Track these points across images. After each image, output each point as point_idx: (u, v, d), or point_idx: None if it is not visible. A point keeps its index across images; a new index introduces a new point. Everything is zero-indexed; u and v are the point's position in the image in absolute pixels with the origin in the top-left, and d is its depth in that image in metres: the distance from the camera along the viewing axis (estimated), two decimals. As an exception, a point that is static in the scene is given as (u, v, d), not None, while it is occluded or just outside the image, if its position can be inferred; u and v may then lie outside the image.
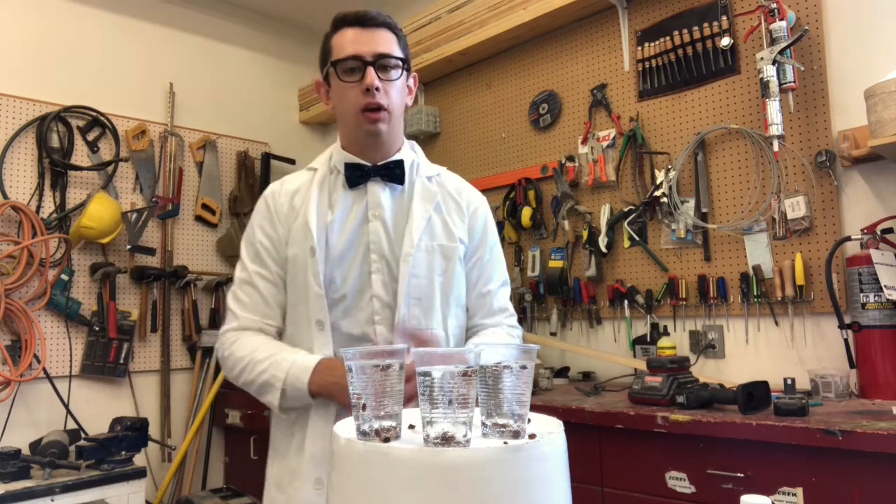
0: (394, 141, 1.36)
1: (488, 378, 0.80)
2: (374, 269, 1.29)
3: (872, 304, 1.83)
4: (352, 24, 1.29)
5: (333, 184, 1.36)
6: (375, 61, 1.26)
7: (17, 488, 2.17)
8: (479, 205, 1.44)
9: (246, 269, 1.36)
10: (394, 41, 1.30)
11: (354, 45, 1.26)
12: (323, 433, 1.25)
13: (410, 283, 1.28)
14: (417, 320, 1.29)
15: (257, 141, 3.74)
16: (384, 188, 1.34)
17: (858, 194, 2.03)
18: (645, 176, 2.52)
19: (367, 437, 0.78)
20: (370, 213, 1.32)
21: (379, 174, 1.33)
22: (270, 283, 1.34)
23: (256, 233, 1.37)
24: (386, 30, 1.30)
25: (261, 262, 1.35)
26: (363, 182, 1.33)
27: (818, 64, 2.10)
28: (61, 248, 2.95)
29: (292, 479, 1.29)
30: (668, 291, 2.41)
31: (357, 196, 1.33)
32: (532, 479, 0.73)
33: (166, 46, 3.44)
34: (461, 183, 1.46)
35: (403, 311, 1.27)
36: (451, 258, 1.34)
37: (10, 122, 2.89)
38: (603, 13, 2.68)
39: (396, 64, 1.29)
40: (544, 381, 2.33)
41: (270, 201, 1.38)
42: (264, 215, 1.38)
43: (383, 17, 1.30)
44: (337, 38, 1.30)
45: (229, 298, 1.37)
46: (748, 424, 1.56)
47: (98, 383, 3.05)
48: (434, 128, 3.35)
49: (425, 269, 1.30)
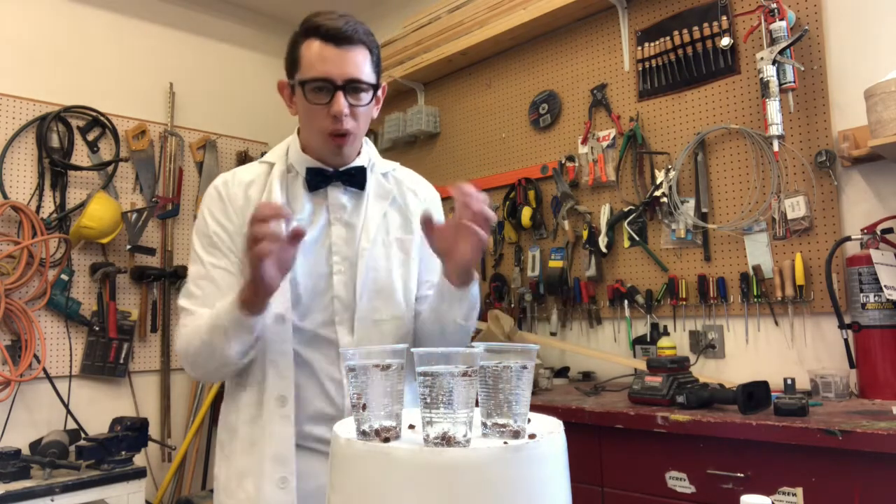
0: (355, 150, 1.34)
1: (488, 378, 0.80)
2: (335, 270, 1.28)
3: (872, 304, 1.83)
4: (324, 38, 1.21)
5: (292, 182, 1.32)
6: (346, 86, 1.21)
7: (17, 488, 2.17)
8: (433, 197, 1.44)
9: (201, 262, 1.28)
10: (367, 60, 1.25)
11: (324, 65, 1.20)
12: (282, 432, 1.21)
13: (368, 277, 1.28)
14: (378, 312, 1.28)
15: (257, 141, 3.74)
16: (344, 192, 1.32)
17: (858, 194, 2.03)
18: (645, 176, 2.52)
19: (367, 437, 0.78)
20: (332, 216, 1.30)
21: (340, 179, 1.31)
22: (229, 274, 1.26)
23: (209, 223, 1.29)
24: (360, 48, 1.23)
25: (218, 253, 1.28)
26: (323, 186, 1.31)
27: (818, 64, 2.10)
28: (61, 248, 2.95)
29: (241, 480, 1.24)
30: (668, 291, 2.41)
31: (317, 199, 1.31)
32: (532, 479, 0.73)
33: (166, 46, 3.44)
34: (416, 177, 1.46)
35: (364, 303, 1.27)
36: (409, 250, 1.34)
37: (10, 122, 2.89)
38: (603, 13, 2.68)
39: (367, 88, 1.24)
40: (544, 381, 2.34)
41: (223, 190, 1.31)
42: (217, 205, 1.31)
43: (359, 35, 1.23)
44: (306, 48, 1.23)
45: (181, 297, 1.29)
46: (748, 424, 1.56)
47: (98, 383, 3.05)
48: (434, 128, 3.35)
49: (383, 262, 1.30)
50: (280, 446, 1.22)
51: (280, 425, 1.22)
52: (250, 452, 1.24)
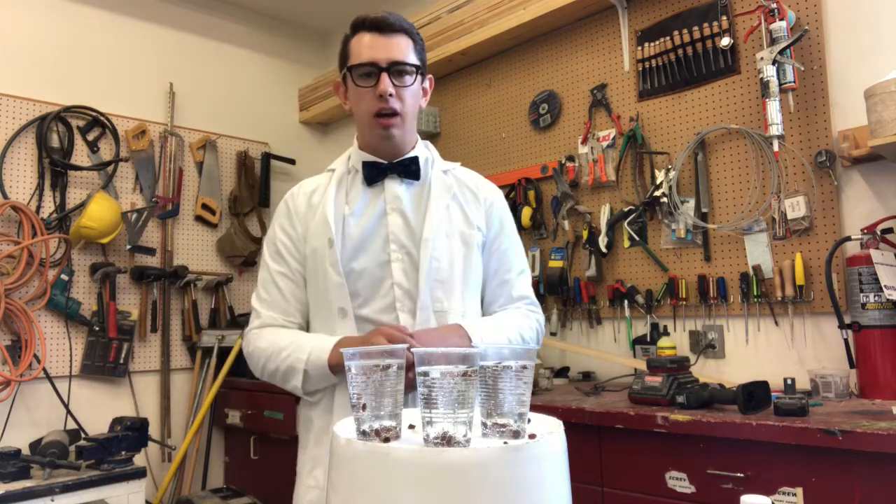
0: (407, 141, 1.40)
1: (488, 378, 0.80)
2: (393, 258, 1.33)
3: (872, 304, 1.83)
4: (370, 28, 1.32)
5: (352, 182, 1.41)
6: (390, 68, 1.30)
7: (17, 488, 2.17)
8: (496, 196, 1.49)
9: (268, 269, 1.41)
10: (410, 47, 1.34)
11: (370, 51, 1.30)
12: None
13: (431, 267, 1.31)
14: (440, 303, 1.32)
15: (257, 141, 3.74)
16: (401, 183, 1.39)
17: (858, 194, 2.03)
18: (645, 176, 2.52)
19: (367, 437, 0.78)
20: (388, 206, 1.36)
21: (395, 171, 1.38)
22: (291, 280, 1.39)
23: (277, 232, 1.43)
24: (403, 35, 1.33)
25: (281, 260, 1.40)
26: (381, 179, 1.38)
27: (818, 64, 2.10)
28: (61, 248, 2.95)
29: (312, 469, 1.32)
30: (668, 291, 2.41)
31: (375, 192, 1.38)
32: (532, 479, 0.73)
33: (166, 46, 3.44)
34: (477, 176, 1.51)
35: (425, 294, 1.30)
36: (470, 245, 1.38)
37: (10, 122, 2.89)
38: (603, 13, 2.68)
39: (411, 70, 1.33)
40: (544, 381, 2.34)
41: (290, 202, 1.44)
42: (284, 214, 1.43)
43: (401, 24, 1.34)
44: (355, 42, 1.34)
45: (253, 298, 1.43)
46: (748, 424, 1.56)
47: (98, 383, 3.05)
48: (434, 128, 3.35)
49: (446, 253, 1.34)
50: None
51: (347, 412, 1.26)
52: (321, 443, 1.31)
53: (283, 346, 1.31)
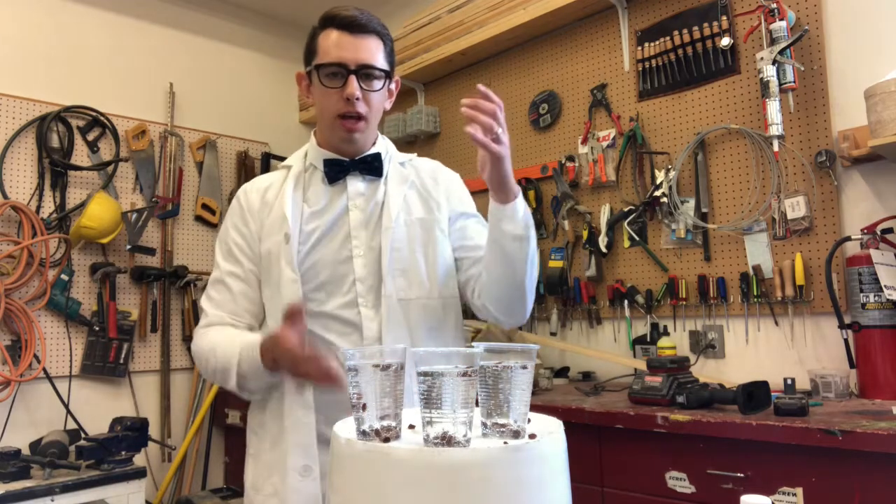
0: (369, 139, 1.39)
1: (488, 378, 0.80)
2: (355, 253, 1.31)
3: (872, 304, 1.83)
4: (339, 27, 1.29)
5: (309, 180, 1.38)
6: (358, 70, 1.27)
7: (17, 488, 2.17)
8: (453, 179, 1.47)
9: (219, 268, 1.38)
10: (380, 49, 1.31)
11: (339, 51, 1.27)
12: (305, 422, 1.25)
13: (392, 256, 1.30)
14: (403, 291, 1.30)
15: (257, 141, 3.74)
16: (363, 180, 1.37)
17: (858, 194, 2.03)
18: (645, 176, 2.52)
19: (367, 437, 0.78)
20: (350, 203, 1.34)
21: (357, 168, 1.36)
22: (242, 280, 1.35)
23: (229, 231, 1.39)
24: (373, 37, 1.30)
25: (233, 259, 1.37)
26: (342, 177, 1.36)
27: (818, 64, 2.10)
28: (61, 248, 2.95)
29: (270, 475, 1.29)
30: (668, 291, 2.41)
31: (337, 190, 1.36)
32: (532, 479, 0.73)
33: (166, 46, 3.44)
34: (434, 163, 1.49)
35: (388, 283, 1.28)
36: (431, 229, 1.36)
37: (10, 122, 2.89)
38: (603, 13, 2.68)
39: (379, 75, 1.31)
40: (544, 381, 2.34)
41: (242, 199, 1.40)
42: (237, 213, 1.40)
43: (372, 24, 1.30)
44: (323, 38, 1.30)
45: (202, 298, 1.39)
46: (748, 424, 1.56)
47: (98, 383, 3.05)
48: (434, 128, 3.35)
49: (406, 242, 1.32)
50: (301, 435, 1.24)
51: (301, 413, 1.25)
52: (276, 448, 1.28)
53: (217, 344, 1.28)
